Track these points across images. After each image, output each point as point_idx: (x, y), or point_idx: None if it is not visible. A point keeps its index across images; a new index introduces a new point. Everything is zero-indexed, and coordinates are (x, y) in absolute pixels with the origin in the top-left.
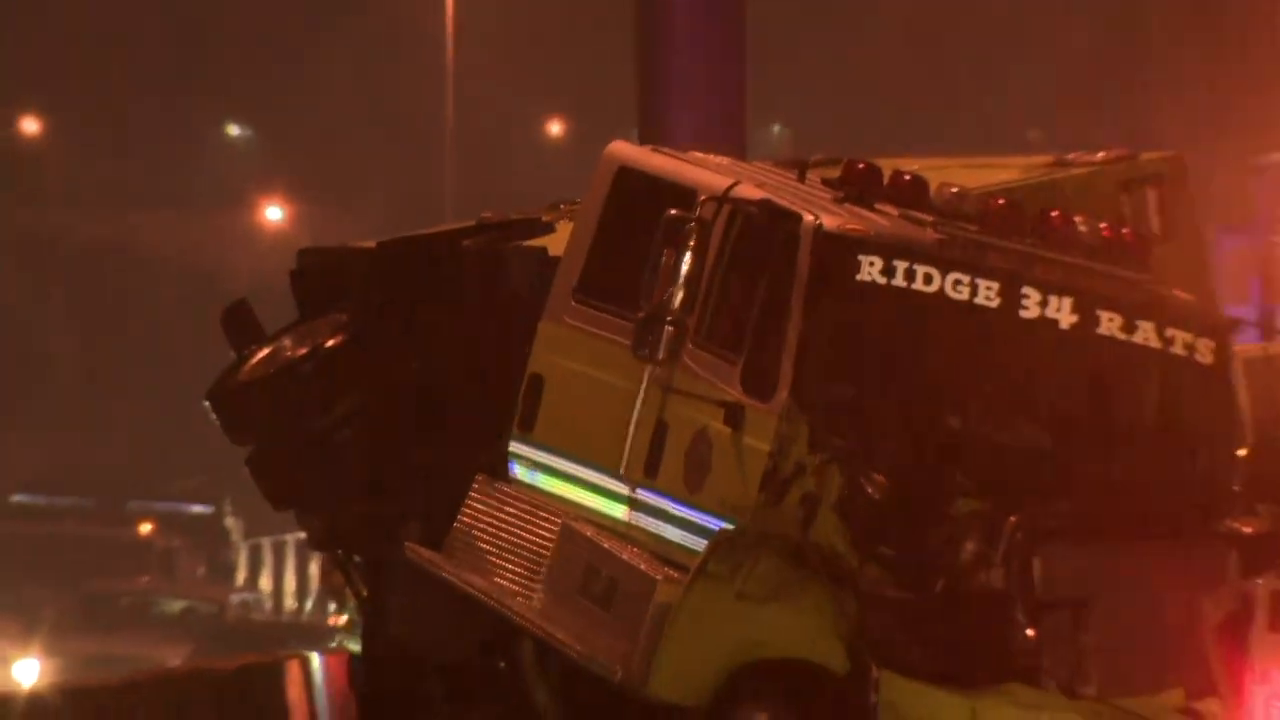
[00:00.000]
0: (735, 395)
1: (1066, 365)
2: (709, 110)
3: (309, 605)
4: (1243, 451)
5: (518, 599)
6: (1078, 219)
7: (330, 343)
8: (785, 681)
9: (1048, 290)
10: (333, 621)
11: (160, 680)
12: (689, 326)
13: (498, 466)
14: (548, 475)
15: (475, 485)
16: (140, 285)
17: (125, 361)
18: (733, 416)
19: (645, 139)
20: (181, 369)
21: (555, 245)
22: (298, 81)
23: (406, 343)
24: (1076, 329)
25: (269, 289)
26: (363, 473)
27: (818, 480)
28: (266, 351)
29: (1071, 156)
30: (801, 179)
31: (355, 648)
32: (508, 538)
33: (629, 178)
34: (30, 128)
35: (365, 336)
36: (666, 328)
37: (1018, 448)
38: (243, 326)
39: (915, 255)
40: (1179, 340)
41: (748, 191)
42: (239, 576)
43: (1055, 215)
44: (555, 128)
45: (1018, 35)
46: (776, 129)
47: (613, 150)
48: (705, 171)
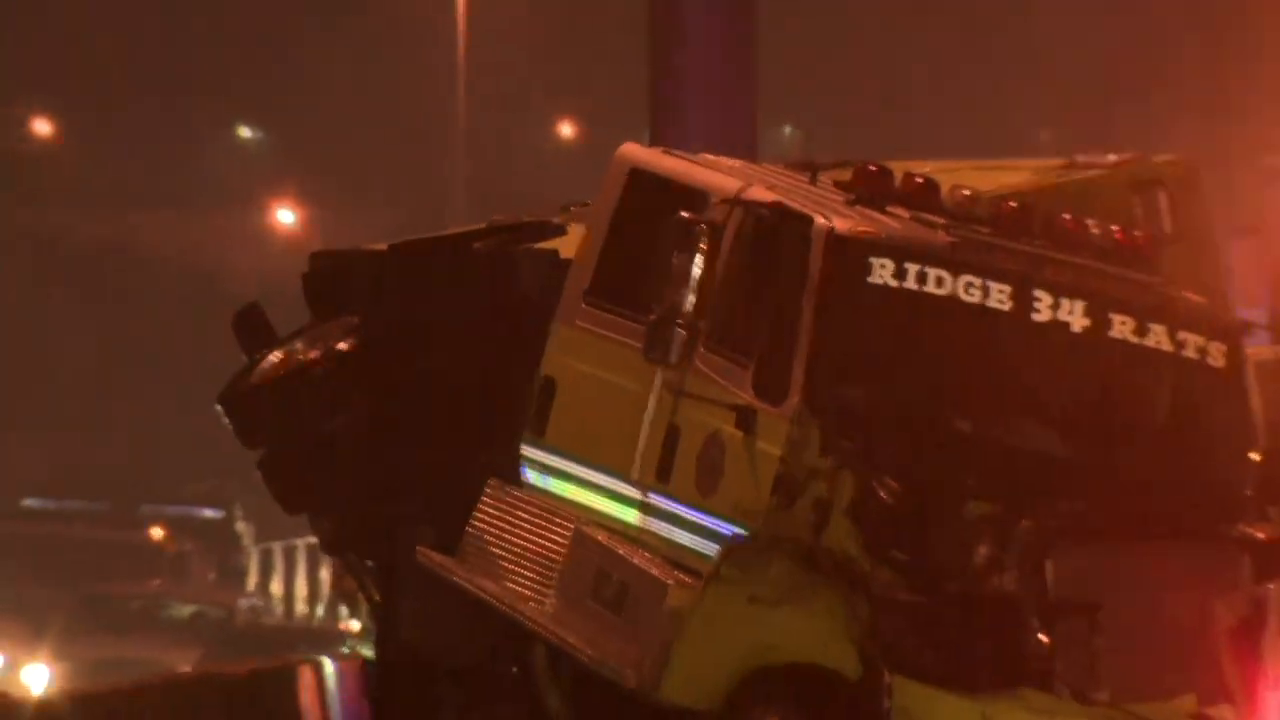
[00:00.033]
0: (747, 399)
1: (1078, 368)
2: (721, 111)
3: (320, 610)
4: (1255, 455)
5: (530, 604)
6: (1089, 221)
7: (342, 345)
8: (797, 686)
9: (1060, 293)
10: (344, 627)
11: (170, 685)
12: (701, 330)
13: (509, 469)
14: (560, 480)
15: (488, 490)
16: (142, 285)
17: (127, 362)
18: (744, 420)
19: (657, 140)
20: (183, 370)
21: (566, 248)
22: (308, 83)
23: (418, 345)
24: (1088, 332)
25: (280, 292)
26: (375, 475)
27: (830, 484)
28: (279, 355)
29: (1083, 159)
30: (813, 182)
31: (370, 654)
32: (520, 542)
33: (641, 180)
34: (35, 128)
35: (377, 339)
36: (678, 331)
37: (1030, 451)
38: (255, 330)
39: (927, 258)
40: (1191, 343)
41: (760, 194)
42: (250, 581)
43: (1067, 218)
44: (566, 129)
45: (1030, 37)
46: (788, 130)
47: (624, 152)
48: (717, 174)
